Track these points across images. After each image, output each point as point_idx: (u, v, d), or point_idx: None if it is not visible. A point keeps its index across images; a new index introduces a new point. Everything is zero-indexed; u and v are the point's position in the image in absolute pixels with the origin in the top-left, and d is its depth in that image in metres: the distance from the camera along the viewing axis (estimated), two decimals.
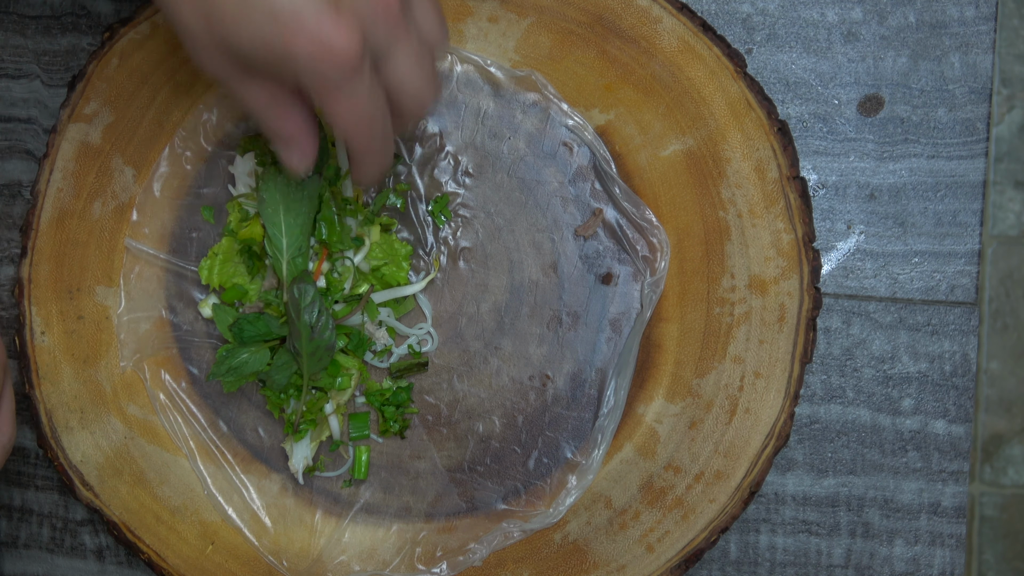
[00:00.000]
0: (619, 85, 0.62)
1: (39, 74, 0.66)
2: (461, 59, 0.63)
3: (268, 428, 0.64)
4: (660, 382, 0.63)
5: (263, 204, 0.59)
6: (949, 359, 0.65)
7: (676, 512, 0.62)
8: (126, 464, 0.63)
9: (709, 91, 0.62)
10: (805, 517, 0.66)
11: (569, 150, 0.63)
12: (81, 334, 0.63)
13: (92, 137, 0.62)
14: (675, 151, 0.63)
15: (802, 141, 0.65)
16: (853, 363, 0.66)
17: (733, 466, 0.62)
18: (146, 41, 0.62)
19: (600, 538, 0.62)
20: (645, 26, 0.62)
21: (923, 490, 0.65)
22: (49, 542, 0.67)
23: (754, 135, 0.61)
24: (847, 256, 0.65)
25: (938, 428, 0.65)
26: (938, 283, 0.65)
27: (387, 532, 0.63)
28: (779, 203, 0.61)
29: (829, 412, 0.65)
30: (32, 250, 0.62)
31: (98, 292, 0.63)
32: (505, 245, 0.64)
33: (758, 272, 0.62)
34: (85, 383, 0.63)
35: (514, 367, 0.64)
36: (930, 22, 0.65)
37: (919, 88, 0.65)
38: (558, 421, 0.63)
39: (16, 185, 0.66)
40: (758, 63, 0.65)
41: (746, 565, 0.66)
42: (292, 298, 0.59)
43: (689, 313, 0.63)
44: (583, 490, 0.63)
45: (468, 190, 0.64)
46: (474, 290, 0.64)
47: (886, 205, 0.65)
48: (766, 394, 0.62)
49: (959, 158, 0.65)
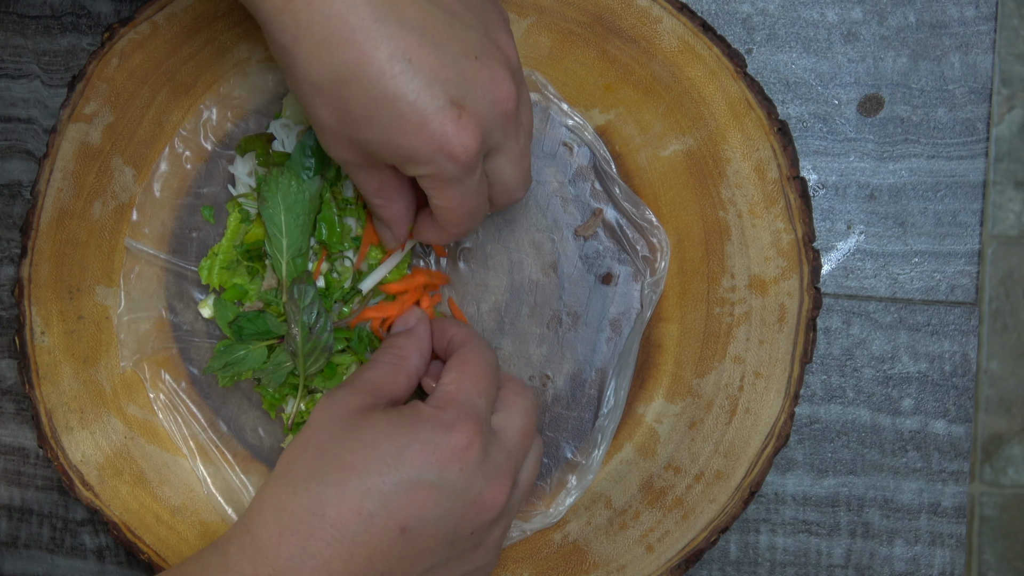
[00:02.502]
0: (619, 85, 0.62)
1: (39, 74, 0.66)
2: None
3: (268, 428, 0.64)
4: (660, 382, 0.63)
5: (264, 204, 0.59)
6: (949, 359, 0.65)
7: (676, 512, 0.62)
8: (126, 464, 0.63)
9: (709, 91, 0.62)
10: (805, 517, 0.66)
11: (569, 150, 0.63)
12: (81, 334, 0.63)
13: (92, 137, 0.62)
14: (675, 151, 0.63)
15: (802, 141, 0.65)
16: (853, 363, 0.66)
17: (733, 466, 0.62)
18: (146, 41, 0.62)
19: (600, 538, 0.62)
20: (645, 26, 0.62)
21: (923, 490, 0.65)
22: (49, 542, 0.67)
23: (754, 135, 0.61)
24: (847, 256, 0.65)
25: (938, 428, 0.65)
26: (938, 283, 0.65)
27: None
28: (779, 203, 0.61)
29: (829, 412, 0.66)
30: (32, 250, 0.62)
31: (98, 292, 0.63)
32: (505, 245, 0.64)
33: (758, 272, 0.62)
34: (85, 383, 0.63)
35: (514, 367, 0.64)
36: (930, 22, 0.65)
37: (919, 88, 0.65)
38: (558, 421, 0.63)
39: (16, 185, 0.66)
40: (758, 63, 0.65)
41: (746, 565, 0.66)
42: (291, 298, 0.59)
43: (689, 313, 0.63)
44: (583, 490, 0.63)
45: None
46: (474, 290, 0.64)
47: (886, 205, 0.65)
48: (766, 394, 0.62)
49: (959, 158, 0.65)
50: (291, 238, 0.60)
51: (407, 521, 0.48)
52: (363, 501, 0.47)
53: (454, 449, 0.48)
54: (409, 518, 0.48)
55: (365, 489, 0.48)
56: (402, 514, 0.48)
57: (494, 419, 0.52)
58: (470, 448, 0.48)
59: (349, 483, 0.48)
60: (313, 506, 0.48)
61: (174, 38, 0.62)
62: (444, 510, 0.48)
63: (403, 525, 0.48)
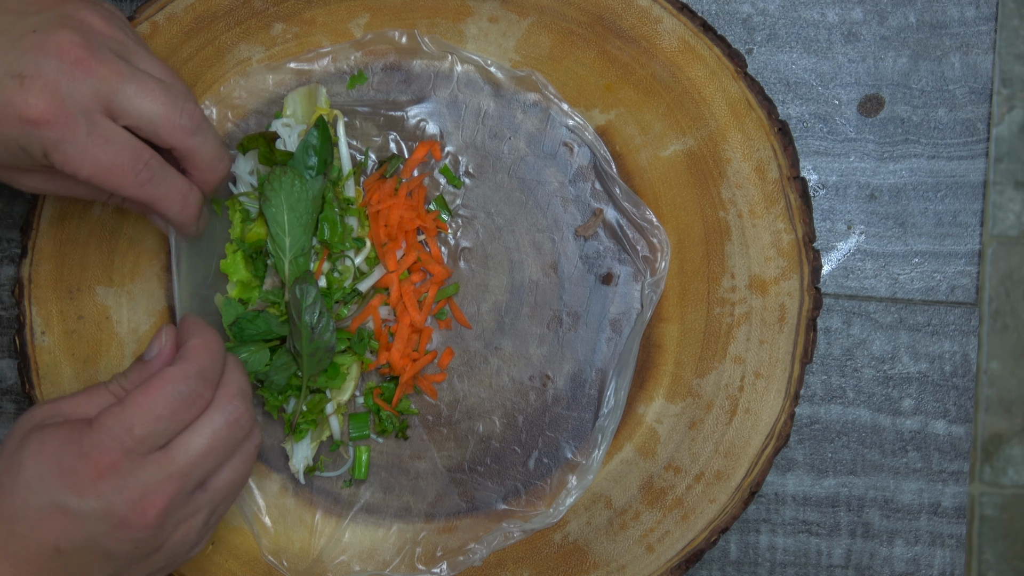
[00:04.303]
0: (619, 85, 0.62)
1: None
2: (462, 59, 0.63)
3: (268, 428, 0.64)
4: (660, 382, 0.63)
5: (267, 203, 0.59)
6: (949, 359, 0.65)
7: (676, 512, 0.62)
8: None
9: (709, 91, 0.62)
10: (805, 517, 0.66)
11: (569, 150, 0.63)
12: (81, 334, 0.63)
13: None
14: (675, 151, 0.63)
15: (802, 141, 0.65)
16: (853, 363, 0.66)
17: (733, 466, 0.62)
18: (147, 40, 0.62)
19: (600, 538, 0.62)
20: (645, 26, 0.62)
21: (923, 490, 0.65)
22: None
23: (754, 135, 0.61)
24: (847, 256, 0.65)
25: (938, 428, 0.65)
26: (938, 283, 0.65)
27: (387, 532, 0.63)
28: (779, 203, 0.61)
29: (829, 412, 0.65)
30: (32, 250, 0.62)
31: (98, 292, 0.63)
32: (505, 245, 0.64)
33: (758, 272, 0.62)
34: (85, 383, 0.63)
35: (514, 367, 0.64)
36: (930, 22, 0.65)
37: (919, 88, 0.65)
38: (558, 421, 0.63)
39: None
40: (758, 63, 0.65)
41: (746, 565, 0.66)
42: (294, 298, 0.59)
43: (689, 313, 0.63)
44: (583, 490, 0.63)
45: (468, 190, 0.64)
46: (474, 290, 0.64)
47: (886, 205, 0.65)
48: (766, 394, 0.62)
49: (959, 158, 0.65)
50: (294, 237, 0.60)
51: (59, 542, 0.49)
52: (12, 523, 0.49)
53: (87, 477, 0.49)
54: (60, 539, 0.49)
55: (13, 513, 0.49)
56: (51, 536, 0.49)
57: (177, 437, 0.52)
58: (102, 478, 0.49)
59: (3, 503, 0.49)
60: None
61: (174, 38, 0.62)
62: (89, 533, 0.49)
63: (56, 546, 0.49)
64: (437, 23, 0.63)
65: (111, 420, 0.49)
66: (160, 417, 0.50)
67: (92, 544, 0.49)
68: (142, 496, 0.49)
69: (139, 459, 0.49)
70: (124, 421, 0.49)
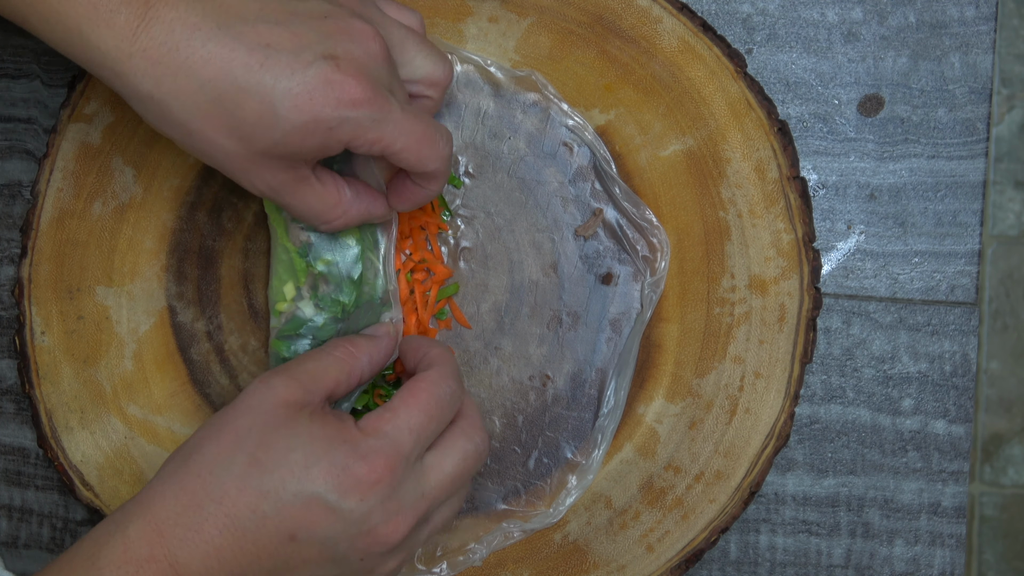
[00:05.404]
0: (619, 85, 0.62)
1: (39, 74, 0.66)
2: (461, 59, 0.63)
3: None
4: (660, 382, 0.63)
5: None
6: (949, 359, 0.65)
7: (676, 512, 0.62)
8: (126, 464, 0.63)
9: (709, 91, 0.62)
10: (805, 517, 0.66)
11: (569, 150, 0.63)
12: (81, 334, 0.63)
13: (92, 137, 0.62)
14: (675, 151, 0.63)
15: (802, 141, 0.65)
16: (853, 363, 0.66)
17: (733, 466, 0.62)
18: None
19: (600, 538, 0.62)
20: (645, 26, 0.62)
21: (923, 490, 0.65)
22: (49, 542, 0.67)
23: (754, 135, 0.62)
24: (847, 256, 0.65)
25: (938, 428, 0.65)
26: (938, 283, 0.65)
27: None
28: (779, 203, 0.61)
29: (829, 412, 0.66)
30: (32, 250, 0.62)
31: (98, 292, 0.63)
32: (505, 245, 0.64)
33: (758, 272, 0.62)
34: (85, 383, 0.63)
35: (514, 367, 0.64)
36: (930, 22, 0.65)
37: (919, 88, 0.65)
38: (558, 421, 0.63)
39: (16, 185, 0.66)
40: (758, 63, 0.65)
41: (746, 565, 0.66)
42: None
43: (689, 313, 0.63)
44: (583, 490, 0.63)
45: (468, 190, 0.64)
46: (474, 290, 0.64)
47: (886, 205, 0.65)
48: (766, 394, 0.62)
49: (959, 158, 0.65)
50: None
51: (297, 531, 0.48)
52: (260, 501, 0.48)
53: (360, 479, 0.48)
54: (300, 529, 0.48)
55: (265, 490, 0.48)
56: (293, 523, 0.48)
57: (429, 455, 0.52)
58: (377, 484, 0.49)
59: (252, 479, 0.48)
60: (212, 492, 0.48)
61: None
62: (335, 532, 0.49)
63: (293, 533, 0.48)
64: (437, 23, 0.63)
65: (388, 426, 0.50)
66: (431, 417, 0.51)
67: (329, 543, 0.49)
68: (398, 511, 0.49)
69: (409, 471, 0.50)
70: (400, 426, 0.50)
